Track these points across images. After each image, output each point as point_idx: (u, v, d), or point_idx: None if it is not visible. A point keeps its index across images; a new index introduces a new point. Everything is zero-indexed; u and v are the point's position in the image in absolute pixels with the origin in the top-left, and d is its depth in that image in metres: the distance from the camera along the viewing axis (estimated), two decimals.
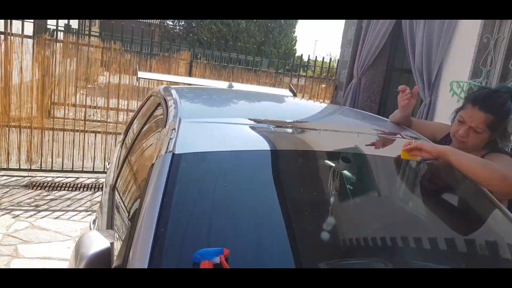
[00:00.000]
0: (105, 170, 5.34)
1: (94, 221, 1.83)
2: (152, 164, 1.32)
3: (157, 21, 25.31)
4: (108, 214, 1.68)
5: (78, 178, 5.22)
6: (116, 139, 5.35)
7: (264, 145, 1.53)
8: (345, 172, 1.54)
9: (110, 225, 1.61)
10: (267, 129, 1.62)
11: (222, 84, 2.96)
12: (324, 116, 2.12)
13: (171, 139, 1.39)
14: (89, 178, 5.28)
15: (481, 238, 1.48)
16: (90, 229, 1.80)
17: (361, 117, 2.28)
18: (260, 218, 1.28)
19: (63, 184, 4.98)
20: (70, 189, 4.89)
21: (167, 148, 1.35)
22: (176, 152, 1.32)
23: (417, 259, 1.31)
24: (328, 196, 1.46)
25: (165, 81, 2.90)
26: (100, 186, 5.08)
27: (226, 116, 1.63)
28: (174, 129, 1.44)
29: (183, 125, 1.47)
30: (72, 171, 5.24)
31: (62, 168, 5.20)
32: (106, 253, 1.10)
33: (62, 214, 4.16)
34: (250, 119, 1.65)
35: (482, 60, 3.83)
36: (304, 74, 6.02)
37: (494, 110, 1.67)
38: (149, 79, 3.76)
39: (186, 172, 1.30)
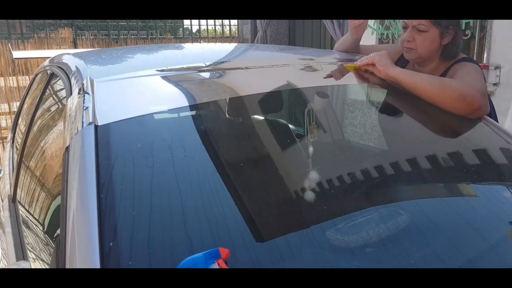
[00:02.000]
0: None
1: None
2: (67, 148, 0.90)
3: None
4: (14, 234, 1.20)
5: None
6: (3, 145, 4.49)
7: (205, 96, 1.15)
8: (320, 110, 1.24)
9: (20, 247, 1.14)
10: (199, 75, 1.24)
11: None
12: (270, 52, 1.80)
13: (86, 108, 0.96)
14: None
15: (469, 151, 1.30)
16: None
17: (305, 50, 1.98)
18: (230, 179, 0.94)
19: None
20: None
21: (82, 120, 0.93)
22: (99, 124, 0.91)
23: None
24: (306, 143, 1.16)
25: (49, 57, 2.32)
26: None
27: (146, 69, 1.21)
28: (88, 93, 1.00)
29: (98, 86, 1.04)
30: None
31: None
32: None
33: None
34: (177, 68, 1.25)
35: None
36: (206, 35, 5.59)
37: None
38: (27, 58, 3.07)
39: (117, 146, 0.89)
